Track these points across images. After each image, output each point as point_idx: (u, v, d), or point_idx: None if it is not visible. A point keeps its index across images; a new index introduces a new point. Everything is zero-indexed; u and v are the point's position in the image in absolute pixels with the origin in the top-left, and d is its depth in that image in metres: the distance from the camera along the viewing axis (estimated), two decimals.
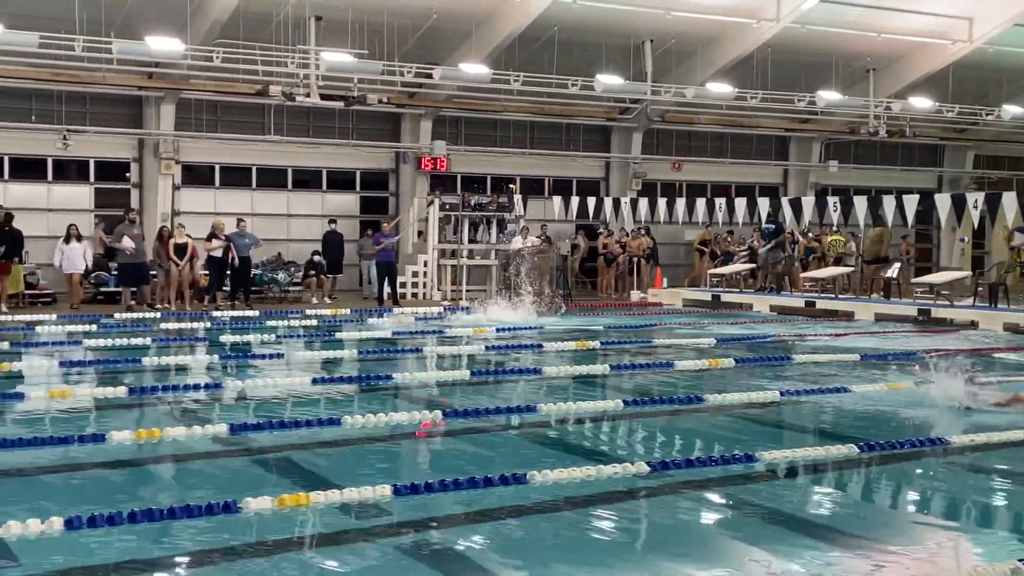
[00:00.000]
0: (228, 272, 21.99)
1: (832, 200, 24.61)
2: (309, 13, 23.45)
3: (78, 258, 20.91)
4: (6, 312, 19.54)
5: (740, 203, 26.02)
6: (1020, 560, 5.28)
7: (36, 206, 24.21)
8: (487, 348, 15.04)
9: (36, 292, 21.89)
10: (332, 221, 25.30)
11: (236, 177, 26.84)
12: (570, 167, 30.59)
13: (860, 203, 23.59)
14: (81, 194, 25.42)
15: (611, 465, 7.47)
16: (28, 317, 18.60)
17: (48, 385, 11.16)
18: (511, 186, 28.31)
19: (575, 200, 27.14)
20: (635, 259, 27.24)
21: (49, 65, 22.89)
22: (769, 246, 25.38)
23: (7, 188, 24.14)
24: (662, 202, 27.12)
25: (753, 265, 26.02)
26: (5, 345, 14.56)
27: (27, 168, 24.69)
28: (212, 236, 21.88)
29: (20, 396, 10.30)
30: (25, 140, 24.13)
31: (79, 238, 21.02)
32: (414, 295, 24.92)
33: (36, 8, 22.13)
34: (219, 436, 8.62)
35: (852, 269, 24.89)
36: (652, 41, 27.74)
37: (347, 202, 28.31)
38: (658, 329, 18.71)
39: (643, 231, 28.14)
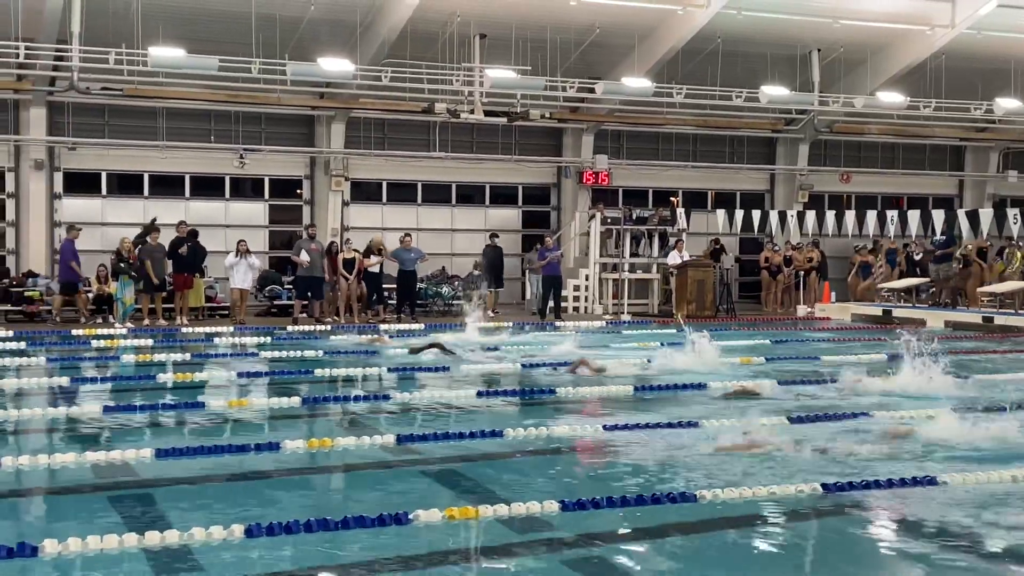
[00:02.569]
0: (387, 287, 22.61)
1: (1012, 212, 23.53)
2: (474, 31, 23.86)
3: (244, 273, 21.69)
4: (187, 324, 20.48)
5: (912, 215, 25.18)
6: None
7: (215, 222, 25.26)
8: (649, 362, 14.92)
9: (214, 305, 22.85)
10: (493, 236, 25.56)
11: (402, 193, 27.45)
12: (734, 179, 30.16)
13: None
14: (256, 210, 26.44)
15: (781, 485, 7.30)
16: (207, 329, 19.44)
17: (227, 395, 11.60)
18: (673, 199, 28.07)
19: (739, 213, 26.71)
20: (802, 273, 26.60)
21: (227, 87, 23.91)
22: (938, 255, 24.58)
23: (188, 205, 25.28)
24: (830, 214, 26.45)
25: (926, 279, 25.11)
26: (187, 356, 15.24)
27: (207, 186, 25.82)
28: (369, 252, 22.47)
29: (201, 405, 10.76)
30: (205, 159, 25.25)
31: (246, 254, 21.74)
32: (575, 309, 24.98)
33: (215, 33, 23.16)
34: (387, 446, 8.82)
35: None
36: (819, 50, 27.15)
37: (509, 217, 28.60)
38: (825, 343, 18.21)
39: (811, 244, 27.48)
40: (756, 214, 26.57)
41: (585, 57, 25.87)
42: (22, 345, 16.65)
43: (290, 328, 19.99)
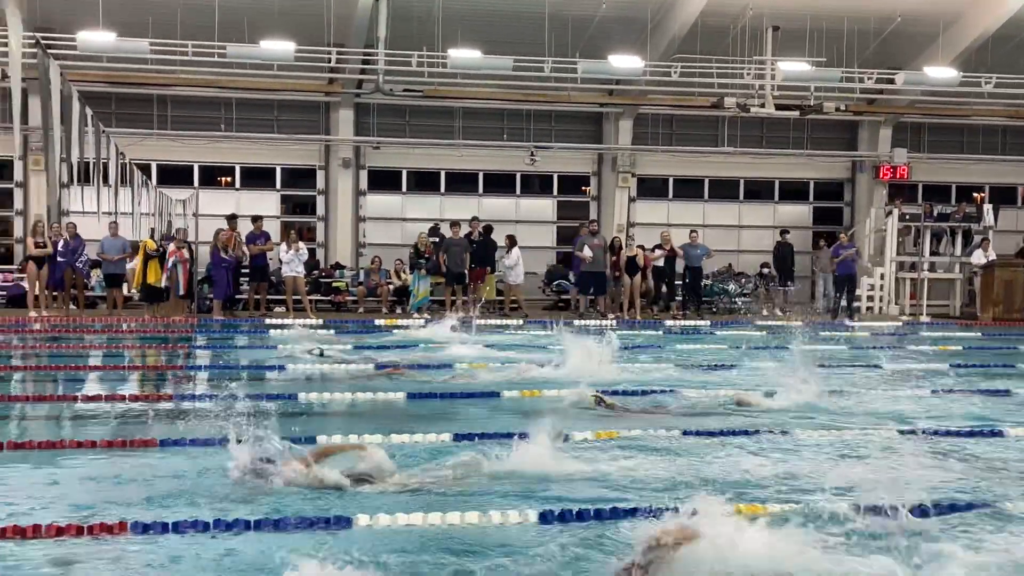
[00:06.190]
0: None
1: None
2: (766, 24, 23.42)
3: (516, 267, 22.16)
4: (479, 316, 21.21)
5: None
6: None
7: (505, 218, 26.02)
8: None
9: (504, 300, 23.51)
10: (784, 232, 24.96)
11: (689, 189, 27.31)
12: None
13: None
14: (544, 207, 27.05)
15: None
16: (497, 321, 20.13)
17: (519, 386, 11.93)
18: (978, 195, 26.49)
19: None
20: None
21: (520, 87, 24.59)
22: None
23: (481, 202, 26.19)
24: None
25: None
26: (480, 347, 15.79)
27: (498, 183, 26.65)
28: (657, 247, 22.53)
29: (496, 395, 11.12)
30: (497, 157, 26.06)
31: (514, 247, 22.19)
32: (868, 309, 24.00)
33: (510, 34, 23.83)
34: (674, 439, 8.82)
35: None
36: None
37: (799, 213, 27.87)
38: None
39: None
40: None
41: (884, 47, 24.82)
42: (331, 333, 17.82)
43: (576, 323, 20.29)
